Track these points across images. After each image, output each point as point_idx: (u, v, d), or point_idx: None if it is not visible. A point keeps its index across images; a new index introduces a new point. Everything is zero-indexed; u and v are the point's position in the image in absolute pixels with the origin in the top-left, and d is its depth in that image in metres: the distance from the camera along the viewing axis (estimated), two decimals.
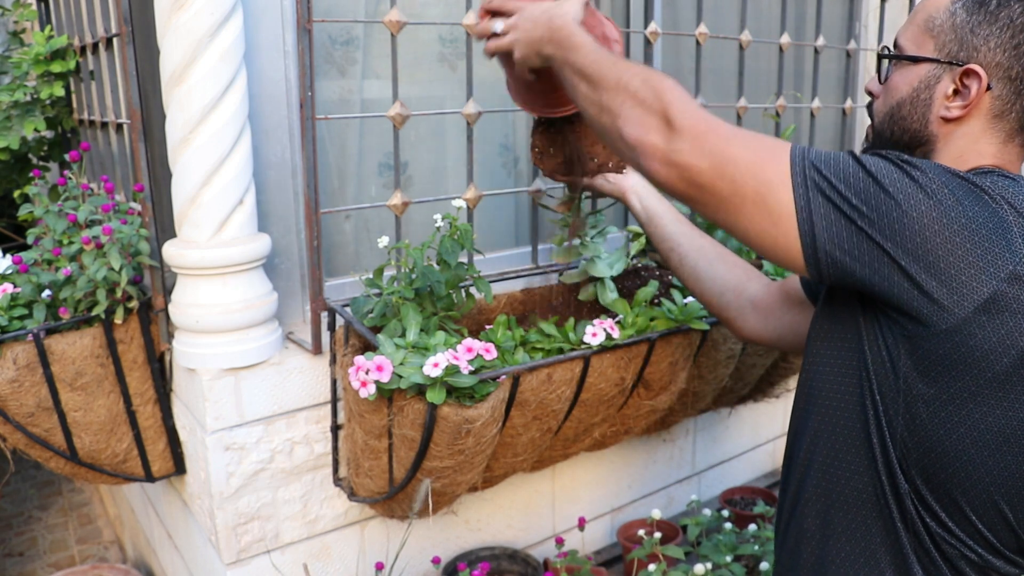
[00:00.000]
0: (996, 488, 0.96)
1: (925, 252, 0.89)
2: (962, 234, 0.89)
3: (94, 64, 2.01)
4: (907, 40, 1.09)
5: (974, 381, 0.92)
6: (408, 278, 1.51)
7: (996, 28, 1.00)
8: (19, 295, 1.57)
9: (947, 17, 1.04)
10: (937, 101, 1.04)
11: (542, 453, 1.68)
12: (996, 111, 1.02)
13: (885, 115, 1.10)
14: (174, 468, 1.77)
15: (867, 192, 0.91)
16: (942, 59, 1.03)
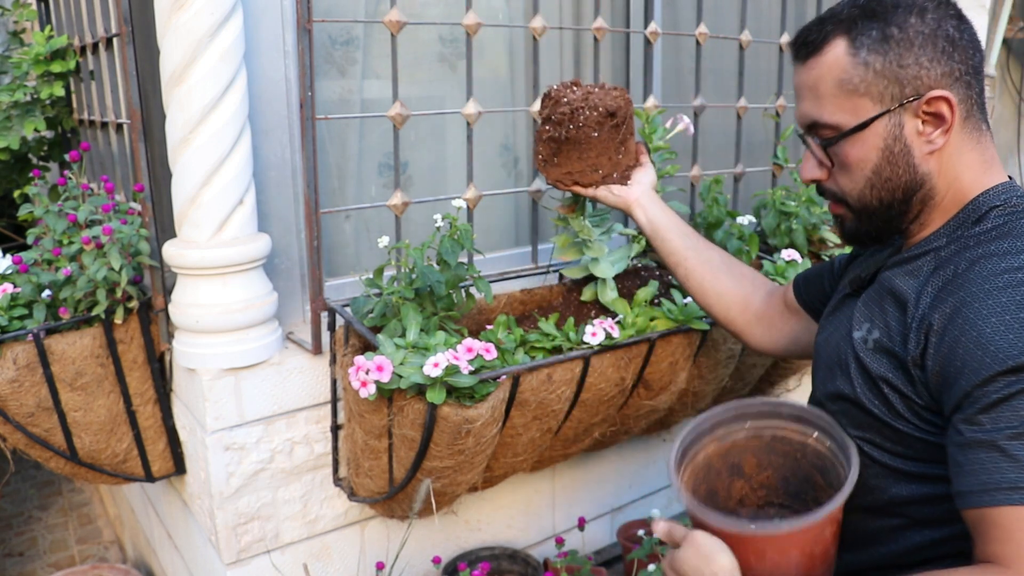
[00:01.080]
0: None
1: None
2: None
3: (94, 64, 2.01)
4: (835, 115, 1.02)
5: None
6: (408, 278, 1.51)
7: (917, 48, 0.97)
8: (19, 295, 1.57)
9: (862, 71, 0.99)
10: (914, 143, 1.00)
11: (542, 453, 1.68)
12: (964, 114, 1.00)
13: (864, 188, 1.03)
14: (174, 468, 1.77)
15: None
16: (892, 107, 0.98)
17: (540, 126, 1.52)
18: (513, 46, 2.12)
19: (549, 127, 1.49)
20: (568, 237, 1.70)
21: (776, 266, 1.91)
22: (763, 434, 1.18)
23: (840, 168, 1.04)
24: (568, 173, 1.51)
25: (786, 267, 1.90)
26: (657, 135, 1.89)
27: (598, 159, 1.49)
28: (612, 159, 1.50)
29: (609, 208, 1.61)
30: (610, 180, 1.51)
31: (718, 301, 1.42)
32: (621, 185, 1.51)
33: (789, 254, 1.94)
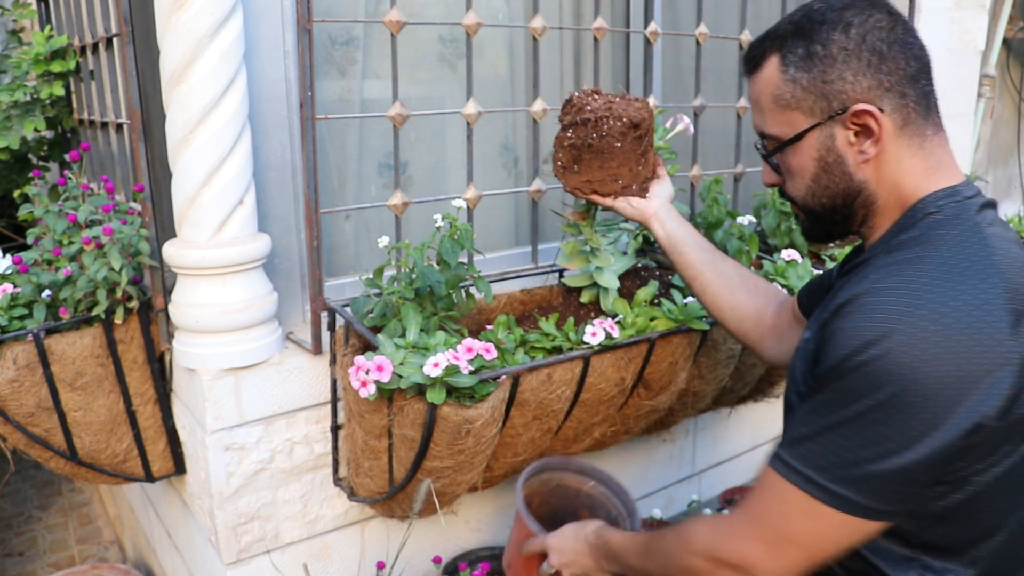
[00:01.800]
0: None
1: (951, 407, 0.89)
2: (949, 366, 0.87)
3: (94, 64, 2.01)
4: (774, 127, 1.08)
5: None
6: (408, 278, 1.51)
7: (841, 63, 1.00)
8: (19, 295, 1.57)
9: (792, 87, 1.04)
10: (847, 153, 1.04)
11: (542, 453, 1.68)
12: (900, 123, 1.02)
13: (806, 194, 1.10)
14: (174, 468, 1.77)
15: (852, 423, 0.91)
16: (821, 120, 1.03)
17: (560, 132, 1.51)
18: (513, 46, 2.12)
19: (571, 134, 1.48)
20: (576, 244, 1.70)
21: (776, 266, 1.91)
22: (550, 482, 1.59)
23: (787, 175, 1.11)
24: (587, 181, 1.50)
25: (786, 267, 1.90)
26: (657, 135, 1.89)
27: (619, 169, 1.48)
28: (632, 170, 1.50)
29: (625, 218, 1.61)
30: (629, 191, 1.51)
31: (733, 315, 1.42)
32: (640, 197, 1.51)
33: (789, 254, 1.94)
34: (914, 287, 0.90)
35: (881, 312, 0.89)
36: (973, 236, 0.96)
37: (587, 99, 1.48)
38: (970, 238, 0.95)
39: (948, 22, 2.90)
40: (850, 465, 0.90)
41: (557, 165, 1.53)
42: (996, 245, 0.95)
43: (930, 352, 0.86)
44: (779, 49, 1.06)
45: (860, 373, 0.89)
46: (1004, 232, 0.99)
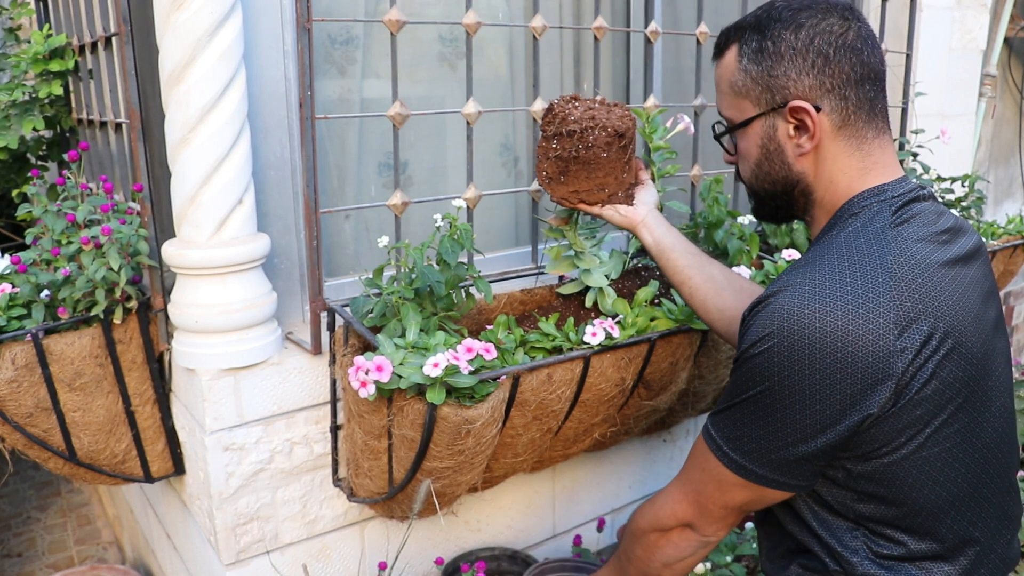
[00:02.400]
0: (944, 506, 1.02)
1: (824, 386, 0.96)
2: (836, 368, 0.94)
3: (93, 63, 2.01)
4: (728, 110, 1.16)
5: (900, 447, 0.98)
6: (408, 278, 1.51)
7: (787, 61, 1.06)
8: (17, 295, 1.56)
9: (743, 76, 1.11)
10: (786, 145, 1.10)
11: (542, 453, 1.68)
12: (838, 123, 1.07)
13: (751, 177, 1.17)
14: (173, 469, 1.77)
15: (747, 409, 1.01)
16: (764, 110, 1.10)
17: (544, 143, 1.51)
18: (513, 46, 2.11)
19: (556, 145, 1.48)
20: (560, 249, 1.70)
21: (776, 266, 1.90)
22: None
23: (738, 156, 1.19)
24: (575, 192, 1.50)
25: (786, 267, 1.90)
26: (657, 135, 1.89)
27: (605, 179, 1.48)
28: (618, 178, 1.50)
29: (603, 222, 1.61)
30: (615, 199, 1.51)
31: (720, 317, 1.43)
32: (626, 205, 1.52)
33: (789, 254, 1.94)
34: (808, 290, 0.97)
35: (776, 312, 0.97)
36: (874, 237, 1.01)
37: (569, 108, 1.48)
38: (871, 239, 1.00)
39: (949, 21, 2.89)
40: (750, 441, 1.02)
41: (542, 175, 1.52)
42: (895, 246, 0.99)
43: (808, 357, 0.94)
44: (739, 40, 1.13)
45: (747, 366, 1.00)
46: (918, 229, 1.02)
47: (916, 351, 0.94)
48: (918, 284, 0.96)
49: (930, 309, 0.96)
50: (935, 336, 0.95)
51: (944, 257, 1.01)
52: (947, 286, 0.99)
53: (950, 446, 1.00)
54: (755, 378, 0.99)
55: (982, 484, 1.04)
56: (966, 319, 0.99)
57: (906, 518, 1.02)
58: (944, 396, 0.97)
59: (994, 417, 1.04)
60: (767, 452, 1.01)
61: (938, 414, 0.97)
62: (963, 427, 1.00)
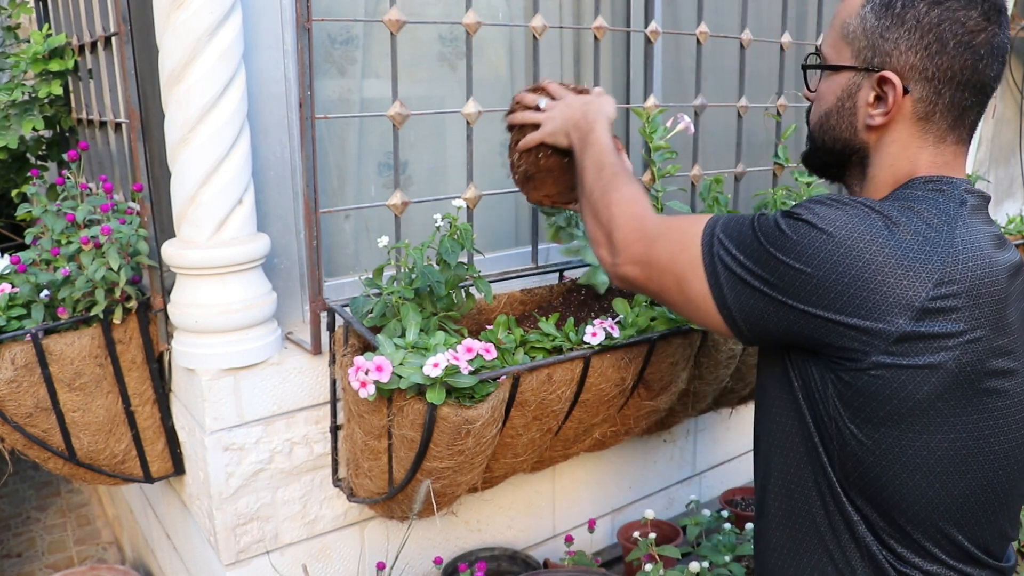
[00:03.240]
0: (938, 513, 0.98)
1: (832, 299, 0.93)
2: (864, 275, 0.91)
3: (92, 63, 2.01)
4: (828, 48, 1.09)
5: (896, 412, 0.94)
6: (408, 278, 1.51)
7: (904, 31, 1.00)
8: (17, 295, 1.56)
9: (859, 23, 1.04)
10: (861, 110, 1.05)
11: (542, 454, 1.68)
12: (921, 114, 1.02)
13: (816, 124, 1.12)
14: (173, 469, 1.77)
15: (766, 261, 0.97)
16: (858, 66, 1.04)
17: (512, 146, 1.52)
18: (513, 45, 2.11)
19: (520, 160, 1.49)
20: (556, 224, 1.71)
21: None
22: None
23: (816, 97, 1.13)
24: (547, 196, 1.52)
25: None
26: (657, 134, 1.89)
27: (573, 179, 1.47)
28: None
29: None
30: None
31: None
32: None
33: None
34: (880, 210, 0.95)
35: (833, 205, 0.96)
36: (951, 210, 0.97)
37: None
38: (946, 209, 0.97)
39: None
40: (744, 288, 0.99)
41: (516, 179, 1.54)
42: (965, 225, 0.96)
43: (832, 261, 0.92)
44: None
45: (792, 231, 0.95)
46: (983, 225, 1.00)
47: (933, 335, 0.91)
48: (976, 276, 0.93)
49: (970, 308, 0.92)
50: (957, 337, 0.92)
51: (1000, 260, 0.97)
52: (999, 291, 0.95)
53: (950, 447, 0.95)
54: (785, 247, 0.95)
55: (986, 497, 0.99)
56: (1001, 336, 0.95)
57: (903, 517, 0.98)
58: (948, 393, 0.93)
59: (1011, 431, 0.99)
60: (752, 304, 0.99)
61: (938, 408, 0.93)
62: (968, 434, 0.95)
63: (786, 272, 0.95)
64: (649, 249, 1.10)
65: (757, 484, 1.16)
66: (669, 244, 1.08)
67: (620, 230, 1.15)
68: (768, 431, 1.10)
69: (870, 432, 0.96)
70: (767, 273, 0.97)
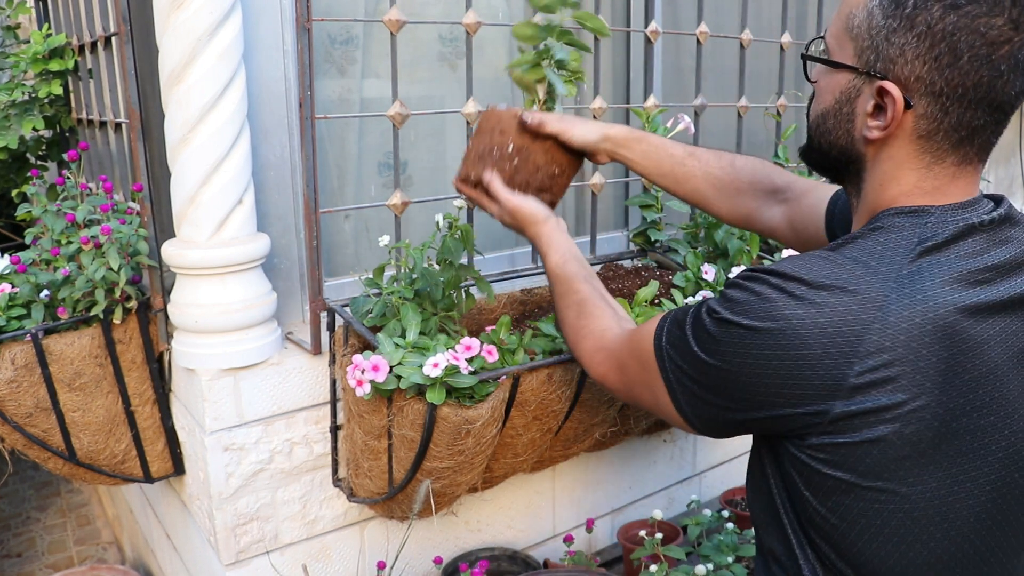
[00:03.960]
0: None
1: (762, 395, 0.89)
2: (787, 363, 0.86)
3: (92, 63, 2.01)
4: (831, 38, 0.96)
5: (843, 482, 0.88)
6: (408, 278, 1.51)
7: (913, 36, 0.86)
8: (17, 295, 1.56)
9: (864, 17, 0.90)
10: (859, 117, 0.93)
11: (542, 453, 1.68)
12: (922, 131, 0.89)
13: (814, 121, 1.01)
14: (173, 469, 1.77)
15: (700, 367, 0.94)
16: (860, 68, 0.91)
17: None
18: (513, 45, 2.11)
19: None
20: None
21: None
22: None
23: (815, 90, 1.01)
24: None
25: None
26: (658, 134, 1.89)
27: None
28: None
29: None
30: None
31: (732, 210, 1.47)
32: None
33: (789, 254, 1.94)
34: (790, 277, 0.87)
35: (749, 289, 0.89)
36: (886, 261, 0.87)
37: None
38: (882, 260, 0.87)
39: None
40: (693, 396, 0.98)
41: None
42: (904, 279, 0.85)
43: (754, 356, 0.87)
44: None
45: (706, 330, 0.93)
46: (948, 265, 0.86)
47: (867, 410, 0.83)
48: (913, 336, 0.83)
49: (909, 376, 0.83)
50: (897, 408, 0.83)
51: (971, 303, 0.85)
52: (951, 346, 0.84)
53: (906, 515, 0.88)
54: (711, 348, 0.92)
55: (964, 562, 0.91)
56: (962, 392, 0.85)
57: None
58: (897, 464, 0.86)
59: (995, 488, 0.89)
60: (703, 410, 0.98)
61: (887, 478, 0.86)
62: (934, 497, 0.87)
63: (715, 374, 0.92)
64: (621, 373, 1.13)
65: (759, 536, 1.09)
66: (634, 363, 1.09)
67: (592, 368, 1.21)
68: (753, 498, 1.06)
69: (823, 500, 0.90)
70: (703, 378, 0.95)
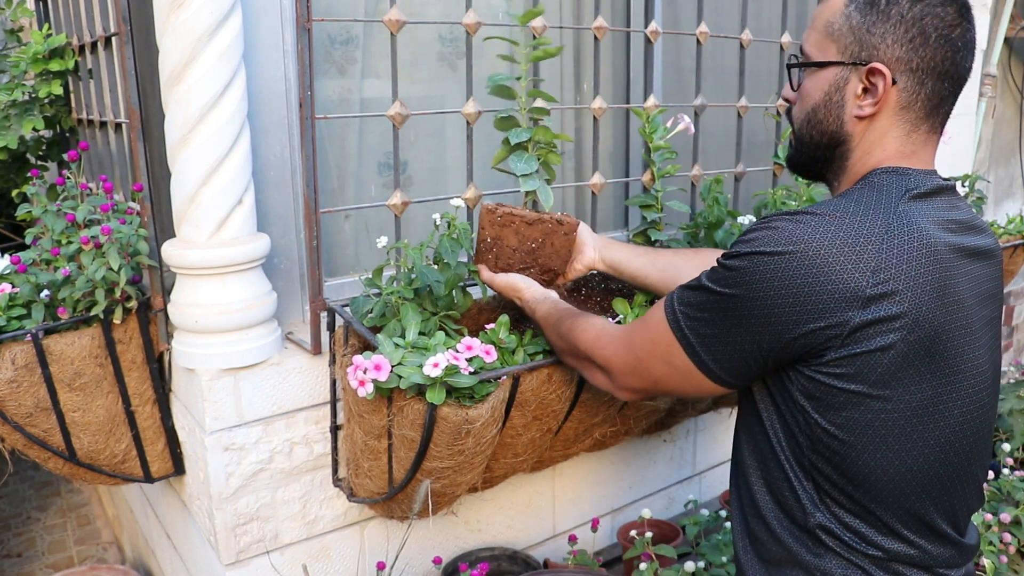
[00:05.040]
0: (901, 488, 1.04)
1: (788, 311, 0.99)
2: (813, 273, 0.97)
3: (93, 63, 2.01)
4: (812, 47, 1.14)
5: (856, 393, 1.00)
6: (407, 278, 1.51)
7: (890, 25, 1.06)
8: (17, 295, 1.56)
9: (843, 20, 1.10)
10: (849, 101, 1.10)
11: (542, 453, 1.67)
12: (903, 103, 1.08)
13: (803, 120, 1.16)
14: (173, 469, 1.77)
15: (721, 303, 1.04)
16: (846, 61, 1.09)
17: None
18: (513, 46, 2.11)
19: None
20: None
21: None
22: None
23: (799, 95, 1.18)
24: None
25: None
26: (657, 134, 1.89)
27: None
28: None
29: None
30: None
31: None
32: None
33: None
34: (807, 220, 1.00)
35: (770, 230, 1.01)
36: (885, 202, 1.02)
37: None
38: (881, 203, 1.02)
39: None
40: (710, 337, 1.06)
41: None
42: (901, 214, 1.01)
43: (783, 276, 0.98)
44: None
45: (731, 266, 1.03)
46: (930, 210, 1.04)
47: (880, 319, 0.96)
48: (912, 257, 0.98)
49: (910, 289, 0.97)
50: (903, 318, 0.97)
51: (949, 241, 1.02)
52: (939, 270, 1.00)
53: (907, 420, 1.01)
54: (732, 280, 1.02)
55: (944, 469, 1.05)
56: (946, 311, 1.00)
57: (868, 496, 1.04)
58: (900, 372, 0.99)
59: (966, 406, 1.05)
60: (725, 353, 1.06)
61: (892, 386, 0.99)
62: (922, 407, 1.02)
63: (739, 305, 1.02)
64: (629, 350, 1.19)
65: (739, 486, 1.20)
66: (643, 339, 1.16)
67: (597, 353, 1.26)
68: (743, 428, 1.17)
69: (833, 417, 1.01)
70: (726, 315, 1.04)
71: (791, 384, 1.04)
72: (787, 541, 1.10)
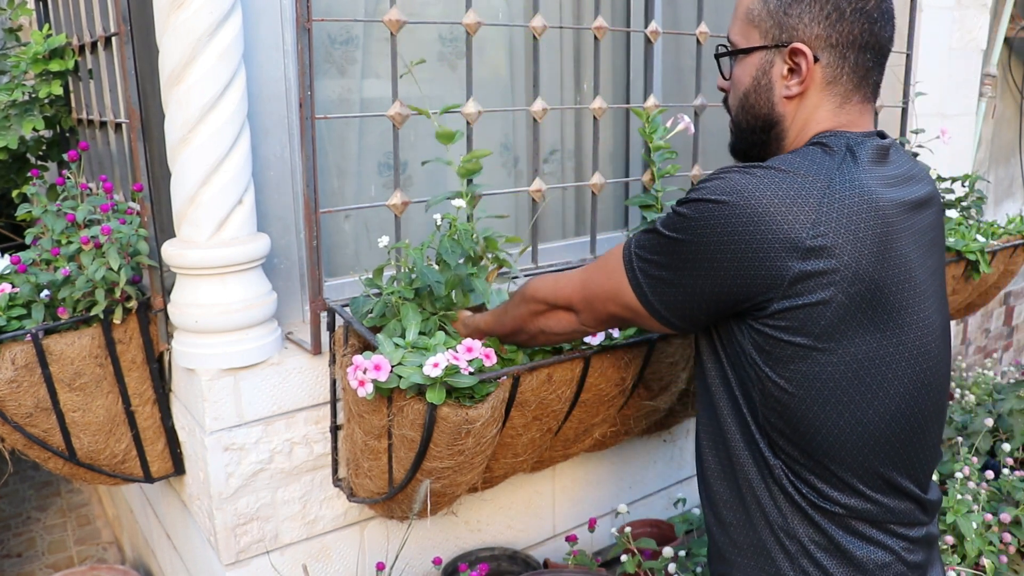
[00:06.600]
0: (854, 443, 1.06)
1: (731, 256, 1.01)
2: (754, 221, 0.99)
3: (93, 63, 2.01)
4: (736, 35, 1.18)
5: (801, 347, 1.02)
6: (408, 278, 1.51)
7: (805, 5, 1.09)
8: (17, 295, 1.56)
9: (762, 5, 1.13)
10: (776, 83, 1.14)
11: (542, 453, 1.68)
12: (828, 78, 1.11)
13: (738, 107, 1.20)
14: (173, 469, 1.77)
15: (670, 247, 1.06)
16: (769, 44, 1.13)
17: None
18: (513, 45, 2.11)
19: None
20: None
21: None
22: None
23: (731, 84, 1.21)
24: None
25: None
26: (657, 134, 1.89)
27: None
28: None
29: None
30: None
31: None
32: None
33: None
34: (753, 172, 1.03)
35: (714, 178, 1.04)
36: (827, 159, 1.05)
37: None
38: (823, 159, 1.04)
39: (950, 21, 2.90)
40: (660, 282, 1.09)
41: None
42: (844, 170, 1.03)
43: (731, 227, 1.00)
44: None
45: (684, 214, 1.05)
46: (871, 167, 1.06)
47: (818, 271, 0.98)
48: (852, 212, 1.00)
49: (849, 243, 0.99)
50: (840, 272, 0.99)
51: (891, 197, 1.05)
52: (881, 226, 1.01)
53: (854, 375, 1.03)
54: (680, 225, 1.05)
55: (898, 424, 1.07)
56: (888, 266, 1.02)
57: (821, 451, 1.05)
58: (844, 324, 1.01)
59: (914, 359, 1.07)
60: (671, 296, 1.08)
61: (836, 339, 1.01)
62: (869, 360, 1.03)
63: (686, 250, 1.04)
64: (586, 287, 1.21)
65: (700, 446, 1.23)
66: (600, 276, 1.18)
67: (560, 296, 1.26)
68: (703, 392, 1.19)
69: (782, 371, 1.04)
70: (674, 260, 1.06)
71: (743, 338, 1.07)
72: (748, 502, 1.12)
